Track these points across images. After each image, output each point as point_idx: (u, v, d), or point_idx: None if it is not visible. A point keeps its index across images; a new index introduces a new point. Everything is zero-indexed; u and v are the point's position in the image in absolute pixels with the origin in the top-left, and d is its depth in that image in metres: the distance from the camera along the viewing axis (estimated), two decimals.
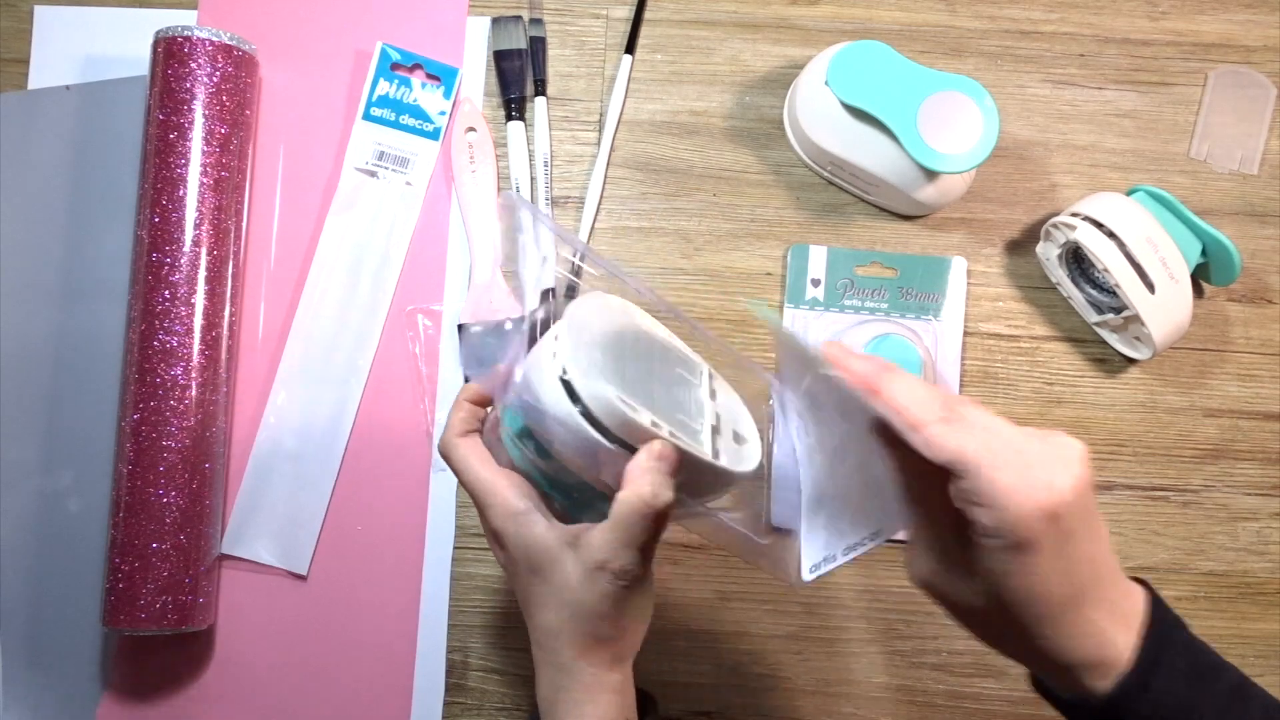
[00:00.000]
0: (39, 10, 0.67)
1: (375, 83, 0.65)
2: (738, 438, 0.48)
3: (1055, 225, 0.62)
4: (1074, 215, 0.61)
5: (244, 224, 0.64)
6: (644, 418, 0.43)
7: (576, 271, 0.65)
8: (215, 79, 0.61)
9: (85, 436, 0.62)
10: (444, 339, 0.64)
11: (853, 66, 0.60)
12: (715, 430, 0.47)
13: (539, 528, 0.45)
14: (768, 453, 0.53)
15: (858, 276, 0.65)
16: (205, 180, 0.60)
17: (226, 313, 0.61)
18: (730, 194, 0.66)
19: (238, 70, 0.62)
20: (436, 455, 0.63)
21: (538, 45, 0.67)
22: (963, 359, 0.65)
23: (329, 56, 0.66)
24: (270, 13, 0.67)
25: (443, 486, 0.63)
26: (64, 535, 0.62)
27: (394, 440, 0.63)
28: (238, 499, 0.62)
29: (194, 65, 0.60)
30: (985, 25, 0.68)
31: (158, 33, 0.61)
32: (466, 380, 0.63)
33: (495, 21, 0.67)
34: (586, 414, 0.42)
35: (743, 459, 0.47)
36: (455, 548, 0.63)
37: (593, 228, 0.65)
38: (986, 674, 0.63)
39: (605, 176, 0.66)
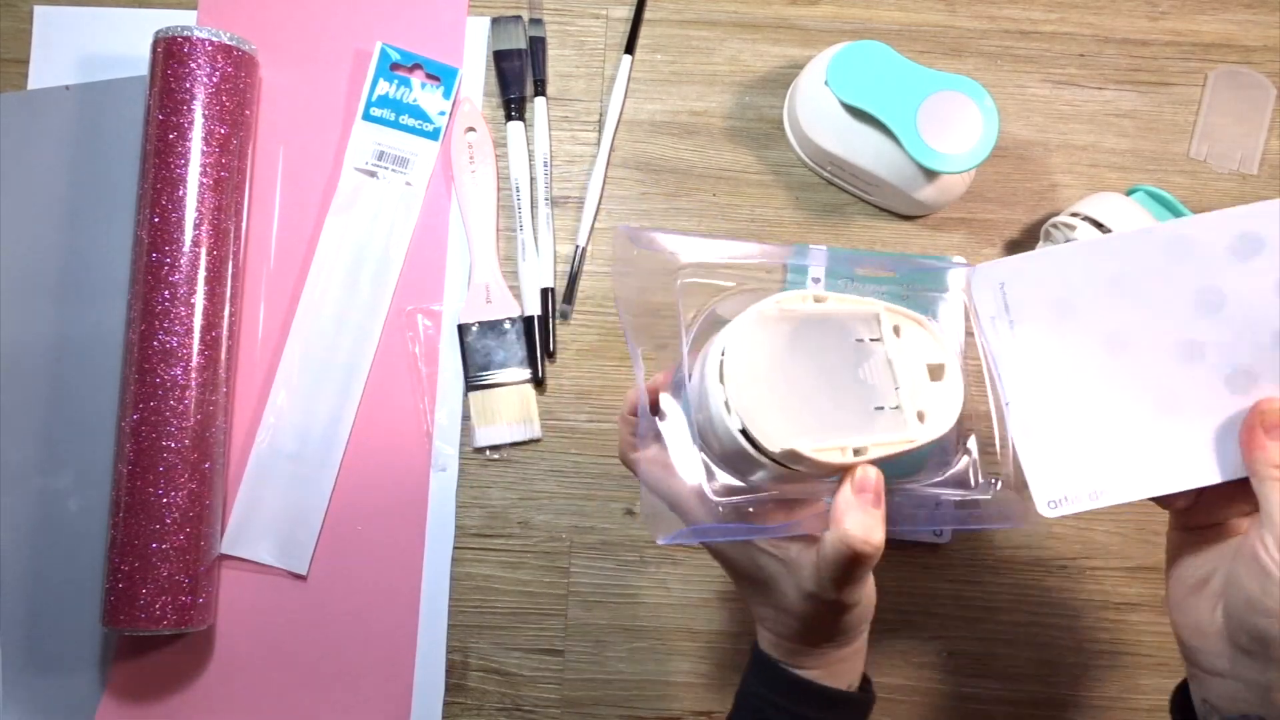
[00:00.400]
0: (39, 10, 0.67)
1: (375, 83, 0.65)
2: (933, 372, 0.45)
3: (1055, 225, 0.62)
4: (1074, 215, 0.61)
5: (244, 224, 0.64)
6: (831, 452, 0.41)
7: (576, 274, 0.65)
8: (215, 79, 0.61)
9: (85, 436, 0.62)
10: (444, 339, 0.64)
11: (852, 66, 0.60)
12: (910, 388, 0.44)
13: (750, 548, 0.44)
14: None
15: (858, 277, 0.65)
16: (205, 180, 0.60)
17: (226, 313, 0.61)
18: (730, 194, 0.66)
19: (237, 70, 0.62)
20: (436, 455, 0.63)
21: (537, 45, 0.67)
22: (963, 359, 0.65)
23: (329, 56, 0.67)
24: (270, 13, 0.67)
25: (443, 486, 0.63)
26: (64, 535, 0.62)
27: (394, 440, 0.63)
28: (238, 499, 0.62)
29: (194, 65, 0.60)
30: (985, 25, 0.68)
31: (157, 33, 0.61)
32: (467, 380, 0.64)
33: (495, 21, 0.67)
34: (775, 460, 0.41)
35: (944, 407, 0.44)
36: (455, 548, 0.63)
37: (592, 228, 0.65)
38: (986, 674, 0.63)
39: (605, 176, 0.66)
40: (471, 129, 0.66)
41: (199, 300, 0.60)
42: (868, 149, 0.61)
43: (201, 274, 0.60)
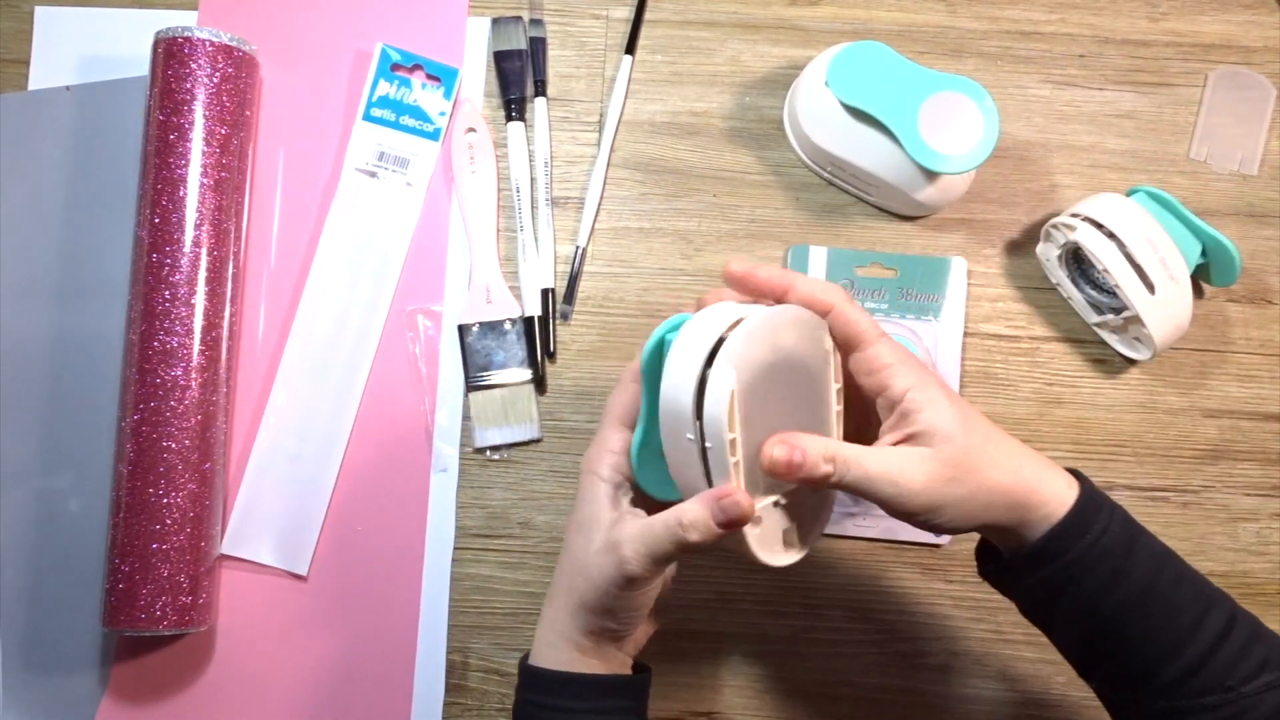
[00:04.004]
0: (39, 10, 0.67)
1: (375, 83, 0.65)
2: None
3: (1055, 226, 0.62)
4: (1074, 216, 0.61)
5: (244, 224, 0.64)
6: (739, 474, 0.44)
7: (577, 272, 0.65)
8: (215, 80, 0.61)
9: (85, 436, 0.63)
10: (444, 339, 0.64)
11: (853, 67, 0.60)
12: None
13: (602, 492, 0.48)
14: None
15: (858, 277, 0.65)
16: (205, 181, 0.60)
17: (227, 313, 0.61)
18: (730, 194, 0.66)
19: (238, 71, 0.62)
20: (437, 455, 0.63)
21: (538, 46, 0.67)
22: (963, 359, 0.65)
23: (329, 57, 0.67)
24: (270, 13, 0.67)
25: (443, 487, 0.63)
26: (64, 535, 0.62)
27: (394, 440, 0.63)
28: (238, 499, 0.62)
29: (194, 66, 0.60)
30: (985, 26, 0.68)
31: (158, 33, 0.61)
32: (467, 380, 0.64)
33: (495, 22, 0.67)
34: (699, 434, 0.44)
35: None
36: (455, 548, 0.63)
37: (593, 228, 0.66)
38: (986, 675, 0.63)
39: (605, 177, 0.66)
40: (472, 129, 0.66)
41: (199, 300, 0.60)
42: (868, 150, 0.61)
43: (202, 274, 0.60)
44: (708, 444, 0.44)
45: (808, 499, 0.48)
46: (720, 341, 0.44)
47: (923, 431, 0.45)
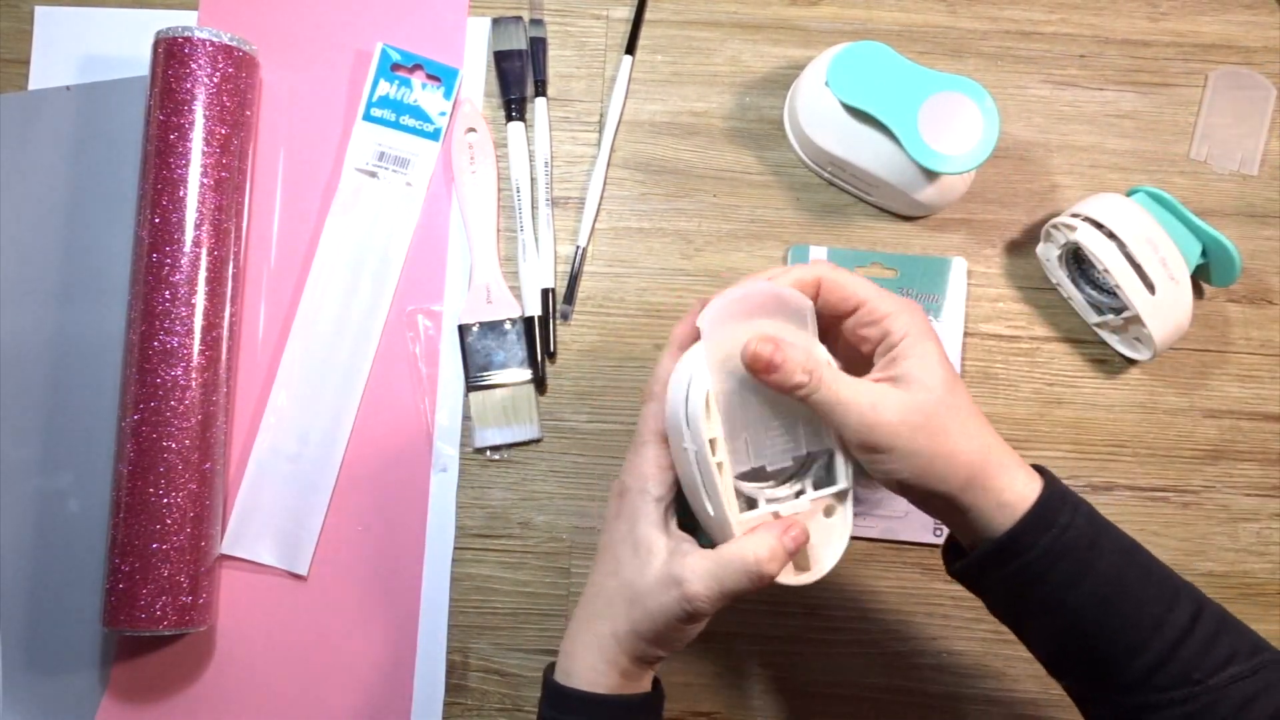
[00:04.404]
0: (39, 10, 0.67)
1: (375, 83, 0.65)
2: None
3: (1055, 226, 0.62)
4: (1074, 216, 0.61)
5: (244, 224, 0.64)
6: (724, 474, 0.45)
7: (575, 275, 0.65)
8: (215, 80, 0.61)
9: (85, 436, 0.63)
10: (444, 339, 0.64)
11: (853, 67, 0.60)
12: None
13: (656, 512, 0.47)
14: None
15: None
16: (205, 181, 0.60)
17: (227, 313, 0.61)
18: (730, 194, 0.66)
19: (238, 71, 0.62)
20: (437, 455, 0.63)
21: (538, 46, 0.67)
22: (963, 359, 0.65)
23: (329, 57, 0.67)
24: (270, 13, 0.67)
25: (443, 487, 0.63)
26: (64, 535, 0.62)
27: (394, 440, 0.63)
28: (238, 499, 0.62)
29: (194, 66, 0.60)
30: (985, 26, 0.68)
31: (158, 33, 0.61)
32: (467, 380, 0.64)
33: (496, 22, 0.67)
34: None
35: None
36: (455, 548, 0.63)
37: (593, 228, 0.66)
38: (986, 675, 0.63)
39: (605, 177, 0.66)
40: (472, 129, 0.66)
41: (200, 300, 0.60)
42: (868, 150, 0.61)
43: (202, 274, 0.60)
44: (689, 445, 0.44)
45: (818, 522, 0.48)
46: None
47: (905, 375, 0.45)
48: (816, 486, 0.48)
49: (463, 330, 0.64)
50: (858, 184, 0.64)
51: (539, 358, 0.64)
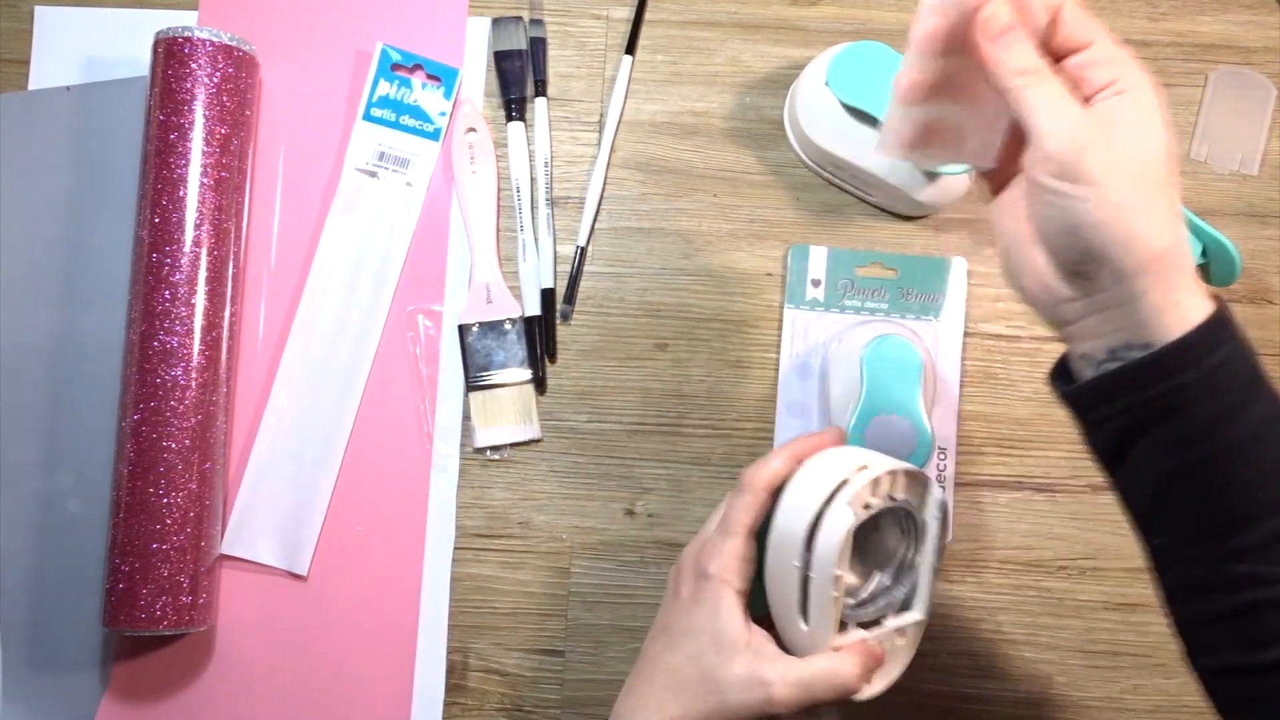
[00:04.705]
0: (39, 10, 0.67)
1: (375, 83, 0.65)
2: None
3: None
4: None
5: (244, 224, 0.64)
6: (838, 609, 0.47)
7: (576, 276, 0.65)
8: (215, 80, 0.61)
9: (85, 436, 0.62)
10: (444, 339, 0.64)
11: (853, 67, 0.60)
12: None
13: (738, 606, 0.47)
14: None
15: (858, 277, 0.65)
16: (205, 181, 0.60)
17: (227, 313, 0.61)
18: (730, 194, 0.66)
19: (238, 71, 0.62)
20: (437, 455, 0.63)
21: (538, 46, 0.67)
22: (963, 359, 0.65)
23: (329, 57, 0.67)
24: (270, 13, 0.67)
25: (443, 487, 0.63)
26: (64, 535, 0.62)
27: (394, 440, 0.63)
28: (238, 499, 0.62)
29: (194, 66, 0.60)
30: None
31: (158, 33, 0.61)
32: (467, 380, 0.64)
33: (496, 22, 0.67)
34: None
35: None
36: (455, 548, 0.63)
37: (593, 228, 0.66)
38: (988, 675, 0.63)
39: (605, 177, 0.66)
40: (472, 129, 0.66)
41: (199, 300, 0.60)
42: (868, 149, 0.61)
43: (202, 274, 0.60)
44: (812, 574, 0.46)
45: (890, 640, 0.49)
46: (844, 482, 0.46)
47: (1136, 121, 0.39)
48: (894, 610, 0.50)
49: (463, 330, 0.64)
50: (858, 184, 0.64)
51: (539, 358, 0.64)
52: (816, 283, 0.65)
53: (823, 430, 0.51)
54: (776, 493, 0.48)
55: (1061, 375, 0.45)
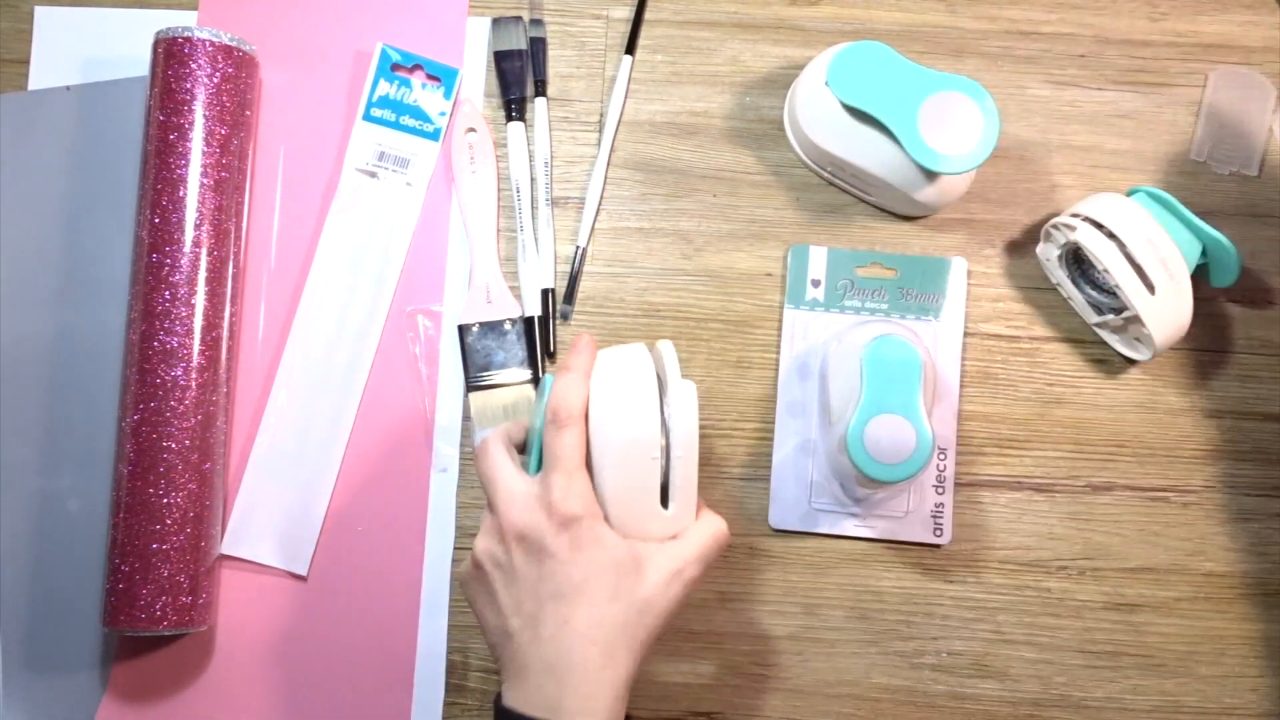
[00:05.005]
0: (39, 10, 0.67)
1: (375, 83, 0.65)
2: None
3: (1055, 226, 0.62)
4: (1074, 216, 0.61)
5: (244, 225, 0.64)
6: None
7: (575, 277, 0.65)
8: (215, 80, 0.61)
9: (85, 436, 0.63)
10: (444, 339, 0.64)
11: (853, 67, 0.60)
12: None
13: (612, 532, 0.49)
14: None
15: (858, 277, 0.65)
16: (205, 181, 0.60)
17: (227, 313, 0.61)
18: (730, 195, 0.66)
19: (238, 71, 0.62)
20: (437, 455, 0.63)
21: (538, 46, 0.67)
22: (963, 359, 0.65)
23: (329, 57, 0.67)
24: (270, 13, 0.67)
25: (443, 486, 0.63)
26: (64, 535, 0.62)
27: (394, 440, 0.63)
28: (238, 499, 0.62)
29: (194, 66, 0.60)
30: (985, 26, 0.68)
31: (158, 33, 0.61)
32: (467, 380, 0.64)
33: (495, 22, 0.67)
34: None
35: None
36: (455, 548, 0.63)
37: (593, 228, 0.66)
38: (986, 675, 0.63)
39: (605, 177, 0.66)
40: (472, 129, 0.66)
41: (199, 300, 0.60)
42: (868, 150, 0.61)
43: (202, 274, 0.60)
44: (678, 455, 0.49)
45: None
46: (653, 369, 0.51)
47: None
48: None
49: (463, 330, 0.64)
50: (858, 184, 0.64)
51: (539, 358, 0.64)
52: (816, 283, 0.65)
53: (576, 343, 0.52)
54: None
55: None
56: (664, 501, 0.50)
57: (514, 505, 0.49)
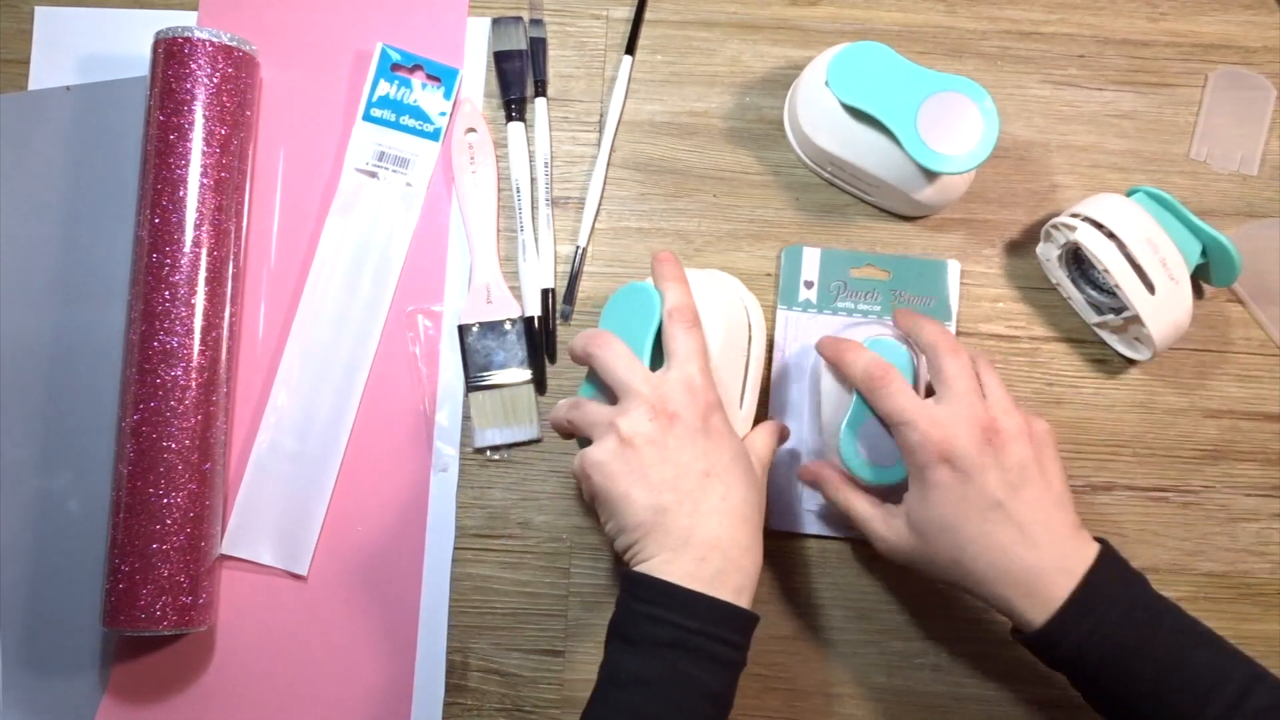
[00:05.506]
0: (39, 10, 0.67)
1: (375, 83, 0.65)
2: None
3: (1055, 226, 0.62)
4: (1074, 216, 0.61)
5: (244, 225, 0.64)
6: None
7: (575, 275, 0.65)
8: (215, 80, 0.61)
9: (85, 436, 0.63)
10: (444, 339, 0.64)
11: (853, 67, 0.60)
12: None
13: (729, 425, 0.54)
14: None
15: (851, 278, 0.65)
16: (205, 181, 0.60)
17: (227, 313, 0.61)
18: (730, 195, 0.66)
19: (238, 71, 0.62)
20: (437, 455, 0.63)
21: (538, 46, 0.67)
22: None
23: (329, 57, 0.67)
24: (270, 13, 0.67)
25: (443, 487, 0.63)
26: (64, 535, 0.62)
27: (394, 440, 0.63)
28: (238, 499, 0.62)
29: (194, 66, 0.60)
30: (985, 26, 0.68)
31: (158, 33, 0.61)
32: (467, 380, 0.64)
33: (495, 22, 0.67)
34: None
35: None
36: (455, 548, 0.63)
37: (593, 228, 0.66)
38: (986, 675, 0.63)
39: (605, 177, 0.66)
40: (472, 130, 0.66)
41: (199, 301, 0.60)
42: (868, 150, 0.61)
43: (202, 274, 0.60)
44: (757, 353, 0.61)
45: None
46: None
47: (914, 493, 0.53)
48: None
49: (463, 330, 0.64)
50: (857, 184, 0.64)
51: (539, 358, 0.64)
52: (809, 284, 0.65)
53: (661, 256, 0.56)
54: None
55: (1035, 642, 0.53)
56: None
57: (665, 387, 0.51)
